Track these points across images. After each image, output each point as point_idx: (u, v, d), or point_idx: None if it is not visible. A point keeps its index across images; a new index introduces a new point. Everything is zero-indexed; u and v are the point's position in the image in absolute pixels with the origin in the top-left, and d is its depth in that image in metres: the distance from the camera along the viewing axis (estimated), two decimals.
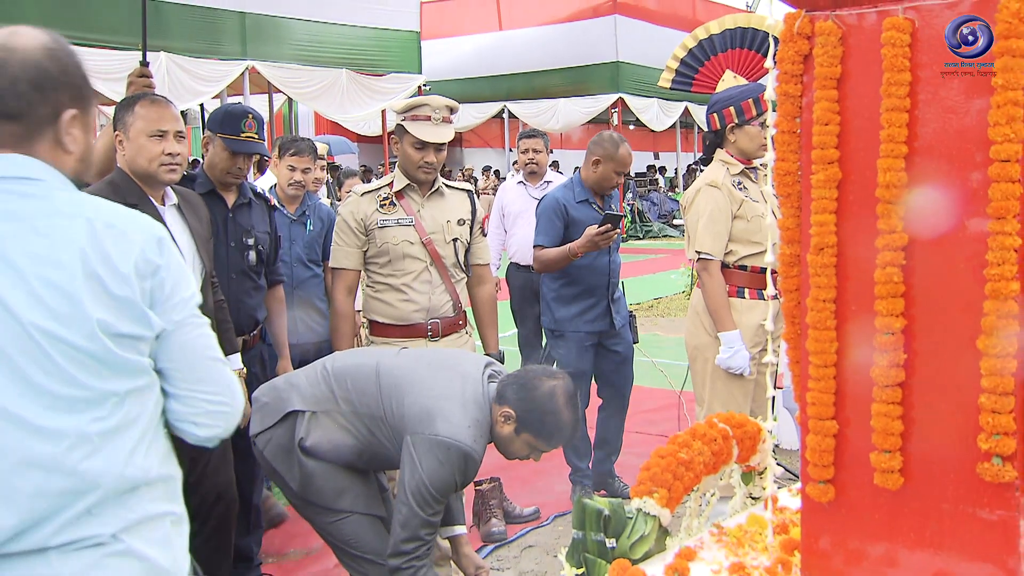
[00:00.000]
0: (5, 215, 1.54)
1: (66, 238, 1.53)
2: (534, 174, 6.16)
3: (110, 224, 1.57)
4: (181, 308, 1.65)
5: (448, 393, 2.80)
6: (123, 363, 1.58)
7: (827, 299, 1.84)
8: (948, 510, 1.76)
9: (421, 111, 3.52)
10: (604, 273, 4.53)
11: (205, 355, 1.70)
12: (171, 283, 1.63)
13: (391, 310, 3.55)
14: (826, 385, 1.86)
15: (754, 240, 3.78)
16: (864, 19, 1.77)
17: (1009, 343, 1.64)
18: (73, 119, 1.61)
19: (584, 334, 4.56)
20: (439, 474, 2.70)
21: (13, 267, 1.50)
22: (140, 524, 1.62)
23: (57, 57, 1.59)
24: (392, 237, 3.53)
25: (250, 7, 12.67)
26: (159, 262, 1.61)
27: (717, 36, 5.75)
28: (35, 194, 1.56)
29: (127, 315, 1.57)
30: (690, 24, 19.13)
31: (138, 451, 1.61)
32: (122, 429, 1.60)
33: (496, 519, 4.33)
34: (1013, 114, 1.58)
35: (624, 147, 4.51)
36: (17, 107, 1.55)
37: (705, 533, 2.44)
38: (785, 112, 1.90)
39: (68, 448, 1.54)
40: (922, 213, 1.73)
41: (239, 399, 1.74)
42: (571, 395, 2.82)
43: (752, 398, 3.84)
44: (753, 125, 3.82)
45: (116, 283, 1.55)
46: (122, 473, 1.59)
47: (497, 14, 22.00)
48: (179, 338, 1.65)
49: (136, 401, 1.62)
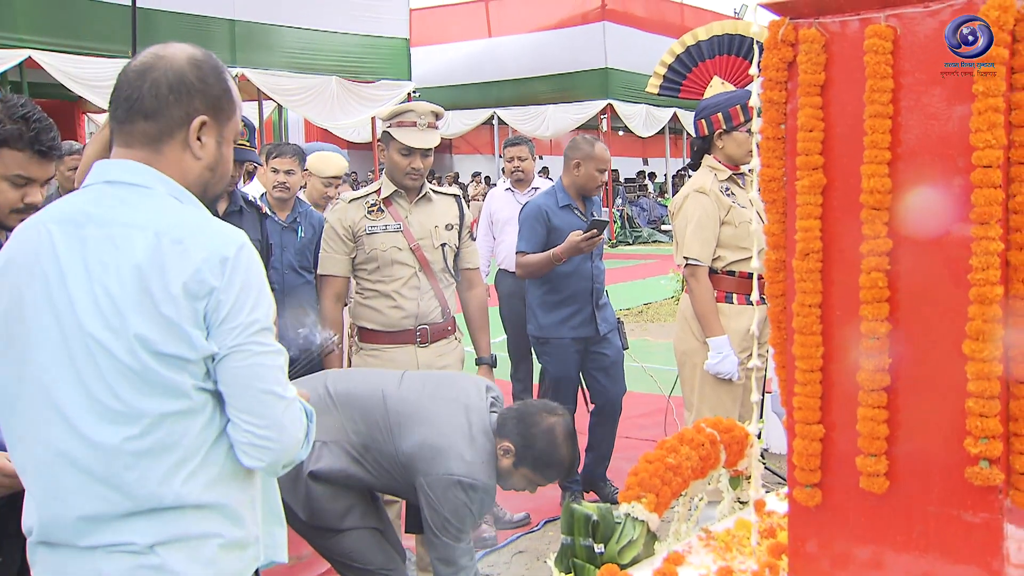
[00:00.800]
0: (96, 219, 1.60)
1: (130, 250, 1.56)
2: (521, 181, 6.17)
3: (178, 240, 1.57)
4: (238, 333, 1.59)
5: (456, 429, 2.83)
6: (163, 382, 1.57)
7: (813, 304, 1.85)
8: (933, 513, 1.77)
9: (407, 117, 3.53)
10: (588, 279, 4.54)
11: (255, 385, 1.62)
12: (229, 306, 1.58)
13: (380, 317, 3.55)
14: (812, 389, 1.87)
15: (742, 246, 3.79)
16: (847, 27, 1.78)
17: (994, 347, 1.65)
18: (203, 125, 1.67)
19: (569, 340, 4.56)
20: (461, 512, 2.77)
21: (87, 272, 1.57)
22: (179, 541, 1.62)
23: (199, 67, 1.68)
24: (380, 243, 3.54)
25: (240, 15, 12.69)
26: (215, 284, 1.57)
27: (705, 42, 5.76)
28: (129, 201, 1.62)
29: (171, 335, 1.56)
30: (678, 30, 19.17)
31: (176, 476, 1.60)
32: (157, 452, 1.59)
33: (486, 524, 4.32)
34: (994, 120, 1.59)
35: (599, 144, 4.57)
36: (153, 107, 1.64)
37: (693, 538, 2.45)
38: (770, 118, 1.92)
39: (103, 457, 1.58)
40: (906, 218, 1.75)
41: (288, 435, 1.66)
42: (570, 432, 2.88)
43: (741, 403, 3.85)
44: (741, 131, 3.83)
45: (164, 301, 1.55)
46: (155, 492, 1.59)
47: (486, 21, 22.05)
48: (231, 364, 1.60)
49: (175, 425, 1.59)
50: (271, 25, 13.32)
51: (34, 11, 10.54)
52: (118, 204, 1.61)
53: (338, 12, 14.21)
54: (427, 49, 19.67)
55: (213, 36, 12.43)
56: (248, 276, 1.62)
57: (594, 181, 4.54)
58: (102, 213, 1.61)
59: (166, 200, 1.63)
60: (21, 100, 2.21)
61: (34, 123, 2.15)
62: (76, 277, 1.57)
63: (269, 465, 1.67)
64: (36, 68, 10.54)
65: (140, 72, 1.66)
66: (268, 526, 1.87)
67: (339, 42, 14.39)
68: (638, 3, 21.35)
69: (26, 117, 2.14)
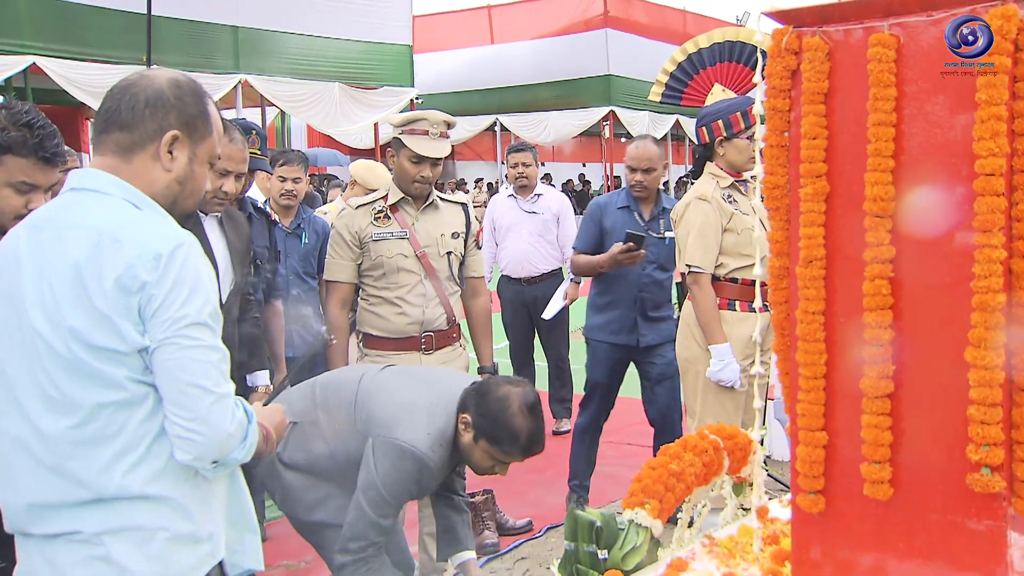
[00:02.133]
0: (52, 223, 1.72)
1: (73, 248, 1.66)
2: (524, 187, 6.19)
3: (116, 239, 1.66)
4: (167, 327, 1.65)
5: (416, 400, 2.80)
6: (97, 374, 1.65)
7: (816, 311, 1.85)
8: (937, 520, 1.78)
9: (419, 125, 3.53)
10: (633, 287, 4.47)
11: (180, 378, 1.66)
12: (160, 300, 1.64)
13: (385, 323, 3.55)
14: (815, 396, 1.87)
15: (744, 253, 3.80)
16: (851, 35, 1.79)
17: (996, 354, 1.66)
18: (175, 139, 1.78)
19: (608, 345, 4.53)
20: (392, 477, 2.71)
21: (39, 271, 1.69)
22: (125, 531, 1.68)
23: (179, 87, 1.80)
24: (386, 250, 3.54)
25: (243, 21, 12.71)
26: (147, 279, 1.64)
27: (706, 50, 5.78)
28: (84, 204, 1.72)
29: (103, 328, 1.64)
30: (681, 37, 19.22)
31: (116, 466, 1.67)
32: (97, 441, 1.66)
33: (489, 531, 4.33)
34: (997, 129, 1.60)
35: (636, 142, 4.56)
36: (130, 119, 1.76)
37: (697, 544, 2.45)
38: (774, 126, 1.92)
39: (50, 446, 1.67)
40: (909, 226, 1.75)
41: (215, 429, 1.68)
42: (529, 402, 2.76)
43: (744, 410, 3.85)
44: (741, 138, 3.84)
45: (98, 296, 1.64)
46: (96, 481, 1.67)
47: (489, 28, 22.10)
48: (160, 356, 1.66)
49: (114, 416, 1.67)
50: (274, 32, 13.35)
51: (39, 18, 10.57)
52: (74, 208, 1.73)
53: (341, 18, 14.24)
54: (430, 55, 19.72)
55: (216, 42, 12.47)
56: (182, 272, 1.67)
57: (629, 180, 4.54)
58: (58, 217, 1.73)
59: (120, 204, 1.72)
60: (25, 107, 2.23)
61: (38, 130, 2.18)
62: (30, 276, 1.69)
63: (196, 458, 1.70)
64: (40, 74, 10.57)
65: (123, 88, 1.78)
66: (236, 531, 1.90)
67: (342, 48, 14.42)
68: (640, 10, 21.40)
69: (30, 124, 2.17)
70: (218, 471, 1.77)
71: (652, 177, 4.51)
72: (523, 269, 6.14)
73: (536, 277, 6.15)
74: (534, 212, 6.18)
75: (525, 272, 6.14)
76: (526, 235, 6.14)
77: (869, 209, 1.76)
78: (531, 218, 6.17)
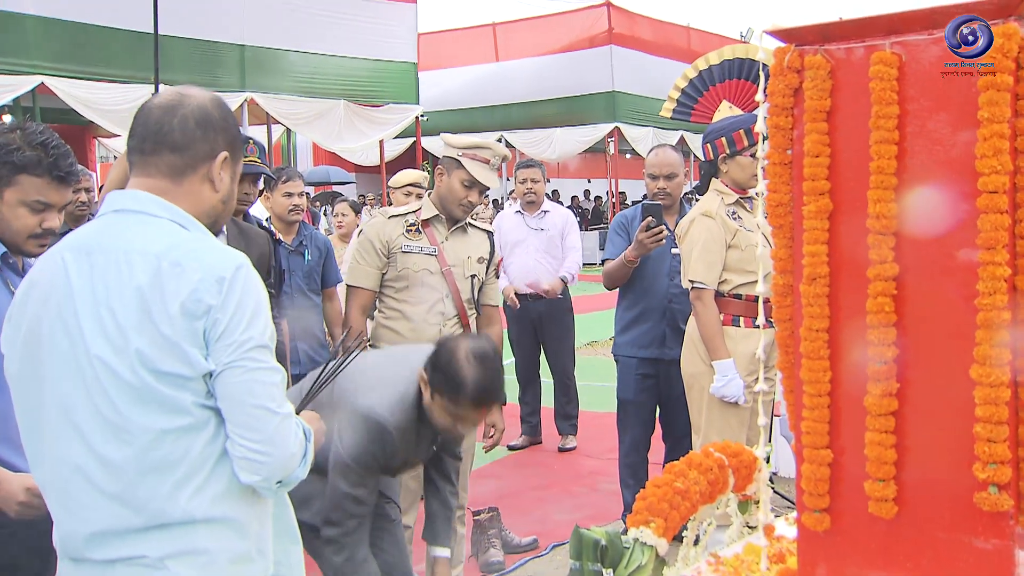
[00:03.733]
0: (103, 247, 1.68)
1: (133, 273, 1.64)
2: (532, 203, 6.22)
3: (176, 262, 1.64)
4: (233, 350, 1.64)
5: (379, 369, 2.79)
6: (163, 400, 1.63)
7: (820, 328, 1.85)
8: (943, 539, 1.77)
9: (482, 153, 3.54)
10: (662, 297, 4.44)
11: (248, 401, 1.66)
12: (225, 324, 1.63)
13: (401, 340, 3.53)
14: (820, 414, 1.87)
15: (748, 269, 3.80)
16: (852, 54, 1.80)
17: (1002, 372, 1.65)
18: (225, 161, 1.78)
19: (636, 360, 4.49)
20: (354, 443, 2.69)
21: (94, 296, 1.65)
22: (189, 555, 1.67)
23: (221, 107, 1.81)
24: (413, 263, 3.53)
25: (249, 40, 12.79)
26: (212, 302, 1.62)
27: (716, 67, 5.81)
28: (133, 228, 1.70)
29: (170, 354, 1.62)
30: (685, 54, 19.30)
31: (182, 491, 1.65)
32: (162, 468, 1.65)
33: (494, 549, 4.31)
34: (999, 147, 1.60)
35: (656, 150, 4.58)
36: (183, 141, 1.73)
37: (702, 562, 2.43)
38: (776, 144, 1.93)
39: (114, 474, 1.64)
40: (913, 243, 1.75)
41: (281, 450, 1.69)
42: (478, 351, 2.69)
43: (748, 426, 3.84)
44: (744, 155, 3.85)
45: (164, 321, 1.62)
46: (163, 508, 1.65)
47: (494, 45, 22.18)
48: (226, 380, 1.65)
49: (178, 441, 1.65)
50: (280, 50, 13.42)
51: (47, 38, 10.65)
52: (123, 231, 1.70)
53: (346, 37, 14.32)
54: (435, 73, 19.79)
55: (223, 61, 12.55)
56: (244, 296, 1.66)
57: (651, 189, 4.53)
58: (108, 241, 1.69)
59: (168, 226, 1.71)
60: (39, 127, 2.25)
61: (52, 149, 2.20)
62: (84, 301, 1.65)
63: (263, 480, 1.70)
64: (48, 94, 10.64)
65: (168, 109, 1.75)
66: (281, 544, 1.91)
67: (347, 66, 14.49)
68: (645, 27, 21.47)
69: (45, 144, 2.19)
70: (280, 491, 1.78)
71: (674, 183, 4.51)
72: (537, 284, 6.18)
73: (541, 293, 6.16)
74: (541, 229, 6.23)
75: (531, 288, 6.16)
76: (532, 251, 6.19)
77: (872, 226, 1.76)
78: (537, 235, 6.21)
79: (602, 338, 10.19)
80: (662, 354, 4.45)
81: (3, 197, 2.20)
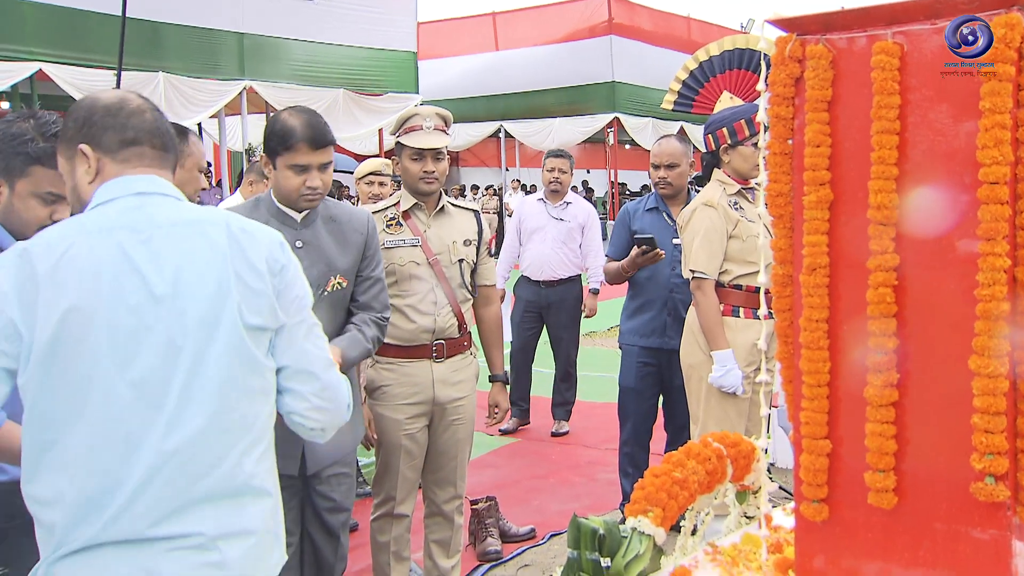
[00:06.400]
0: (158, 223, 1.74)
1: (211, 239, 1.76)
2: (556, 192, 6.32)
3: (243, 229, 1.81)
4: (298, 306, 1.83)
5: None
6: (250, 358, 1.74)
7: (820, 319, 1.85)
8: (941, 529, 1.77)
9: (412, 122, 3.56)
10: (664, 288, 4.49)
11: (314, 352, 1.84)
12: (288, 281, 1.82)
13: (396, 331, 3.53)
14: (819, 404, 1.87)
15: (749, 260, 3.80)
16: (854, 43, 1.79)
17: (1000, 363, 1.65)
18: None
19: (638, 349, 4.54)
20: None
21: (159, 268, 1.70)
22: (240, 536, 1.70)
23: None
24: (399, 258, 3.53)
25: (248, 28, 12.76)
26: (284, 261, 1.82)
27: (717, 57, 5.82)
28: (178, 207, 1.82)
29: (257, 307, 1.75)
30: (685, 44, 19.27)
31: (247, 458, 1.73)
32: (234, 431, 1.72)
33: (492, 538, 4.33)
34: (1001, 137, 1.60)
35: (661, 140, 4.63)
36: (172, 143, 1.90)
37: (700, 552, 2.44)
38: (777, 134, 1.92)
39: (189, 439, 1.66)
40: (913, 234, 1.75)
41: (341, 395, 1.87)
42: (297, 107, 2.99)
43: (747, 417, 3.85)
44: (746, 145, 3.85)
45: (253, 277, 1.76)
46: (230, 473, 1.70)
47: (494, 34, 22.14)
48: (293, 334, 1.81)
49: (252, 404, 1.74)
50: (279, 38, 13.39)
51: (45, 24, 10.61)
52: (171, 209, 1.79)
53: (346, 25, 14.28)
54: (435, 62, 19.76)
55: (222, 49, 12.51)
56: (295, 259, 1.88)
57: (653, 178, 4.57)
58: (162, 216, 1.76)
59: (195, 206, 1.86)
60: (52, 117, 2.24)
61: None
62: (157, 275, 1.69)
63: (327, 428, 1.87)
64: (46, 80, 10.61)
65: (156, 112, 1.88)
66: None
67: (347, 55, 14.46)
68: (645, 17, 21.42)
69: (58, 135, 2.17)
70: (326, 437, 1.92)
71: (676, 173, 4.53)
72: (542, 272, 6.31)
73: (554, 281, 6.32)
74: (561, 219, 6.35)
75: (544, 275, 6.31)
76: (550, 240, 6.30)
77: (873, 217, 1.75)
78: (558, 224, 6.33)
79: (601, 329, 10.20)
80: (663, 343, 4.48)
81: (15, 188, 2.18)
